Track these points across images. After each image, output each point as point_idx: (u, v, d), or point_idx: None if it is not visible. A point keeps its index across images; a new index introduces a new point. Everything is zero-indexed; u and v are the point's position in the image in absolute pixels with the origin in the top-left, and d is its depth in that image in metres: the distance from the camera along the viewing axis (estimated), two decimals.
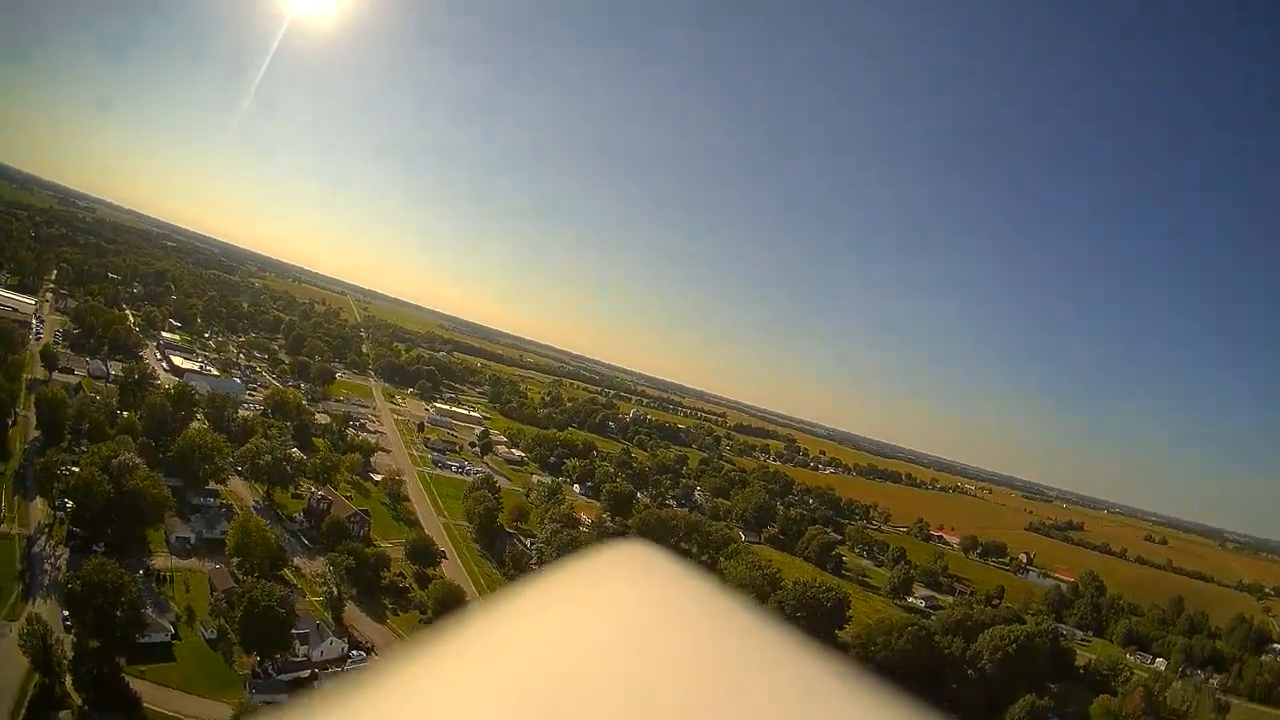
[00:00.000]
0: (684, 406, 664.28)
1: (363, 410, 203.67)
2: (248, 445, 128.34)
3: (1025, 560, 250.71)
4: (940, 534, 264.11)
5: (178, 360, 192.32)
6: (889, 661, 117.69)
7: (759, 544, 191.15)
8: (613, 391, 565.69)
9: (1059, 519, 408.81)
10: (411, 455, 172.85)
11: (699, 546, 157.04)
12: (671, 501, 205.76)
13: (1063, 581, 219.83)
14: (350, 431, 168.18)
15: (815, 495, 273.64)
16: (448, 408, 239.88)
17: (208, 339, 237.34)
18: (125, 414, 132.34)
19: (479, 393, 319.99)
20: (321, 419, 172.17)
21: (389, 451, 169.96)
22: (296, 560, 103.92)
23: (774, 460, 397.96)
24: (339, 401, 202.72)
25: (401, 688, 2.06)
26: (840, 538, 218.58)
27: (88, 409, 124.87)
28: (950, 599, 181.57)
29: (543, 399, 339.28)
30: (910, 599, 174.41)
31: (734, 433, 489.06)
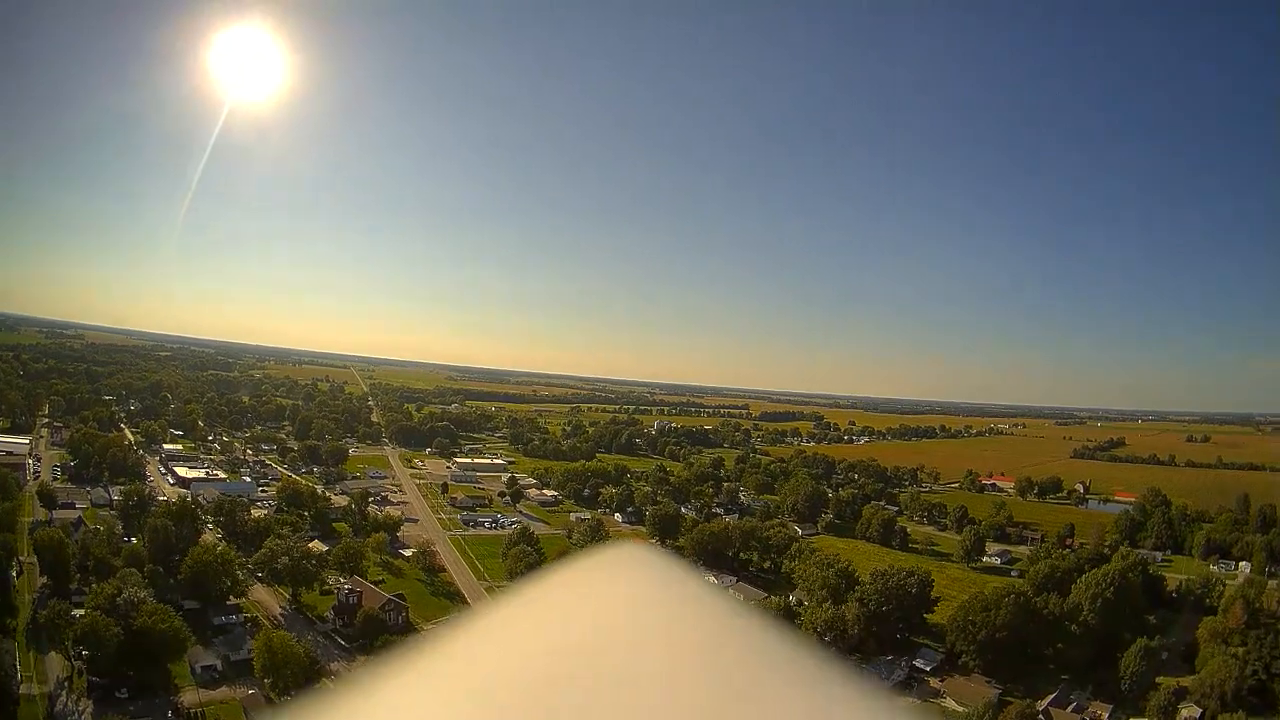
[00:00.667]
0: (705, 407, 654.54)
1: (382, 481, 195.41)
2: (263, 549, 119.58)
3: (1082, 490, 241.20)
4: (992, 481, 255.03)
5: (182, 471, 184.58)
6: (993, 640, 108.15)
7: (817, 534, 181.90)
8: (632, 407, 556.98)
9: (1099, 439, 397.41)
10: (440, 520, 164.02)
11: (758, 553, 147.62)
12: (719, 510, 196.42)
13: (1125, 504, 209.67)
14: (372, 508, 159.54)
15: (859, 470, 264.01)
16: (469, 460, 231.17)
17: (211, 442, 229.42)
18: (132, 539, 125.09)
19: (499, 437, 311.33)
20: (340, 500, 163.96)
21: (416, 520, 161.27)
22: (334, 665, 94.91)
23: (807, 442, 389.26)
24: (356, 477, 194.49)
25: (403, 688, 2.06)
26: (896, 508, 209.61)
27: (91, 543, 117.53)
28: (1024, 549, 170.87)
29: (564, 430, 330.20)
30: (984, 558, 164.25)
31: (760, 422, 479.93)
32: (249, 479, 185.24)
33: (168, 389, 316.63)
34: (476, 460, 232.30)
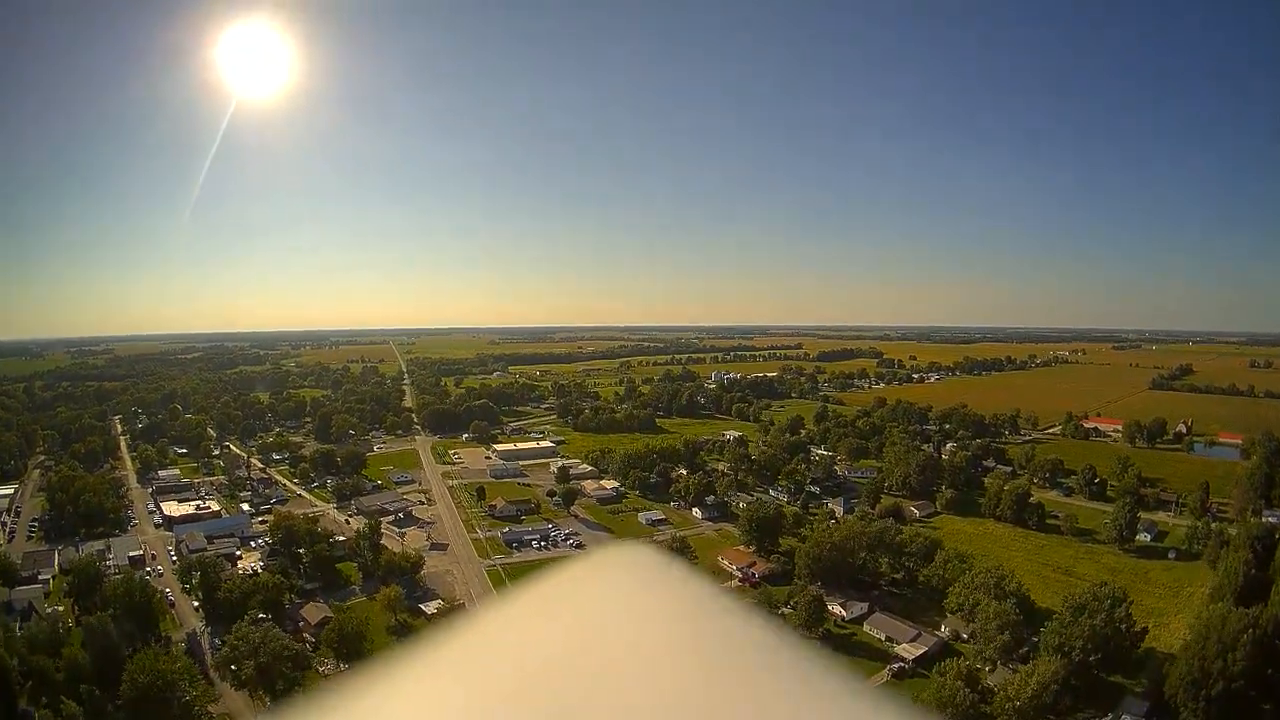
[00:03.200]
0: (757, 350, 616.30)
1: (408, 488, 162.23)
2: (227, 645, 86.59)
3: (1185, 430, 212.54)
4: (1095, 425, 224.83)
5: (171, 507, 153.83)
6: (1228, 691, 72.22)
7: (936, 514, 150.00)
8: (684, 357, 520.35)
9: (1166, 366, 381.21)
10: (476, 541, 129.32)
11: (891, 563, 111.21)
12: (814, 488, 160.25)
13: (1232, 446, 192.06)
14: (388, 535, 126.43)
15: (954, 419, 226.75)
16: (511, 447, 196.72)
17: (216, 457, 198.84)
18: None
19: (545, 409, 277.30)
20: (354, 523, 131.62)
21: (445, 547, 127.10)
22: None
23: (877, 384, 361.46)
24: (377, 487, 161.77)
25: (403, 689, 2.06)
26: (1010, 468, 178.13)
27: (38, 642, 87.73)
28: (1164, 517, 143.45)
29: (616, 395, 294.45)
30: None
31: (820, 363, 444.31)
32: (246, 508, 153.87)
33: (181, 398, 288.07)
34: (520, 445, 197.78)
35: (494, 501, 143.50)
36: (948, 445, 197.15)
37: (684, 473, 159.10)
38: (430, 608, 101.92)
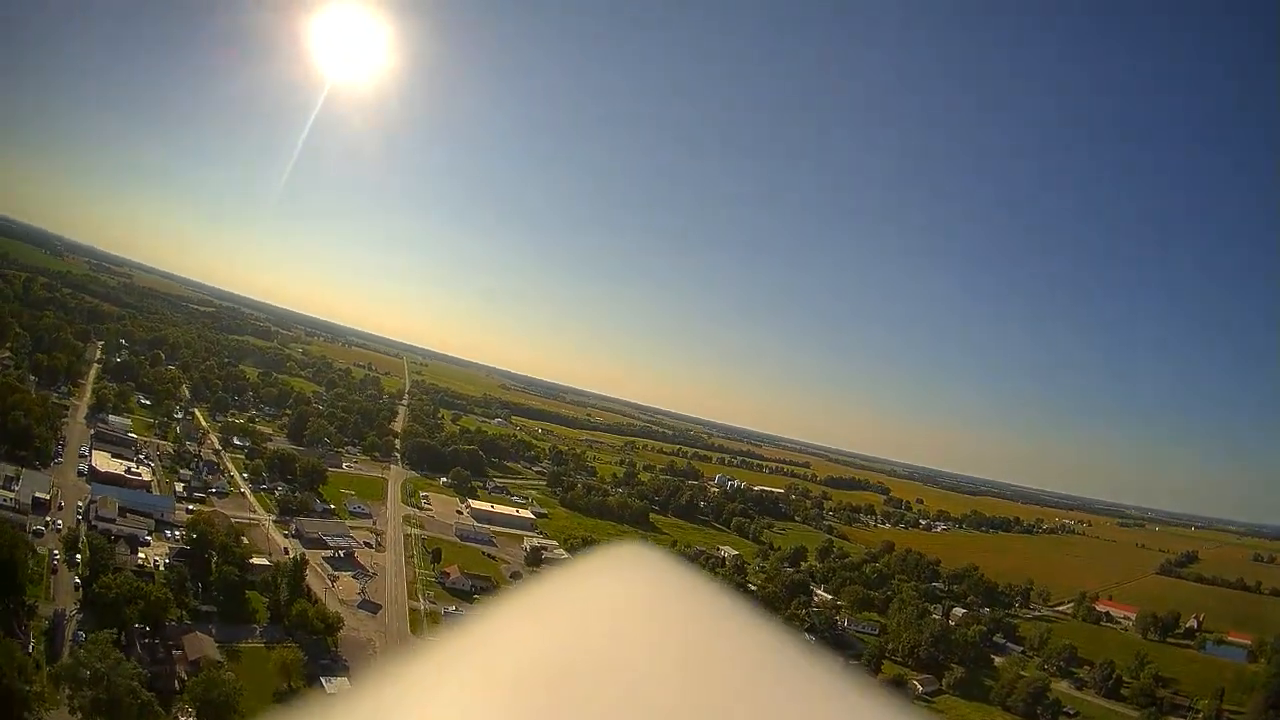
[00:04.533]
0: (765, 460, 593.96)
1: (361, 521, 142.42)
2: (65, 659, 67.16)
3: (1196, 625, 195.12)
4: (1108, 607, 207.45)
5: (102, 459, 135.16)
6: None
7: (940, 693, 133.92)
8: (690, 451, 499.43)
9: (1171, 550, 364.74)
10: (414, 614, 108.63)
11: None
12: (811, 637, 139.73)
13: (1240, 647, 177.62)
14: (316, 577, 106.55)
15: (965, 581, 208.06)
16: (488, 507, 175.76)
17: (179, 419, 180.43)
18: None
19: (537, 471, 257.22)
20: (285, 545, 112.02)
21: (377, 610, 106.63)
22: None
23: (883, 523, 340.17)
24: (327, 511, 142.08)
25: (404, 689, 2.06)
26: (1020, 648, 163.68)
27: None
28: None
29: (615, 476, 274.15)
30: None
31: (827, 488, 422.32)
32: (180, 488, 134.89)
33: (171, 346, 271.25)
34: (497, 508, 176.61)
35: (449, 568, 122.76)
36: (956, 610, 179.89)
37: None
38: (332, 685, 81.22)
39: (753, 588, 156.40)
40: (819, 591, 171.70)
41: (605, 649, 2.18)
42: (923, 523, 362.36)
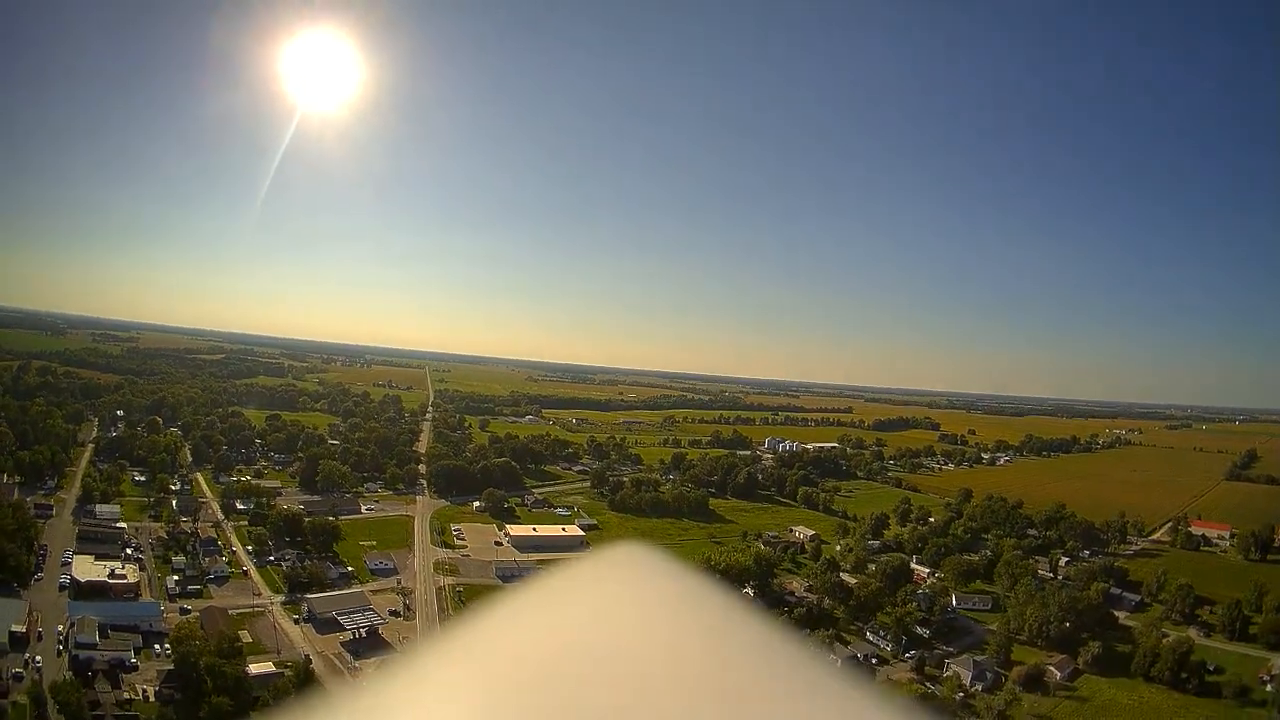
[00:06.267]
0: (807, 410, 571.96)
1: (385, 581, 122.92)
2: None
3: None
4: (1203, 529, 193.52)
5: (84, 566, 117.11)
6: None
7: (1079, 673, 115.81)
8: (733, 415, 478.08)
9: (1231, 451, 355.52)
10: None
11: None
12: (924, 630, 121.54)
13: None
14: (331, 672, 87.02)
15: (1058, 524, 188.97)
16: (529, 531, 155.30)
17: (175, 494, 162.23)
18: None
19: (578, 471, 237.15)
20: (298, 638, 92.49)
21: None
22: None
23: (945, 464, 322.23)
24: (343, 578, 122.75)
25: (404, 689, 2.07)
26: (1137, 598, 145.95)
27: None
28: None
29: (662, 462, 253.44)
30: None
31: (877, 433, 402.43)
32: (174, 580, 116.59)
33: (171, 406, 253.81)
34: (540, 530, 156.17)
35: None
36: (1064, 562, 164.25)
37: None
38: None
39: (851, 581, 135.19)
40: (918, 569, 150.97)
41: (605, 648, 2.19)
42: (985, 457, 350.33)
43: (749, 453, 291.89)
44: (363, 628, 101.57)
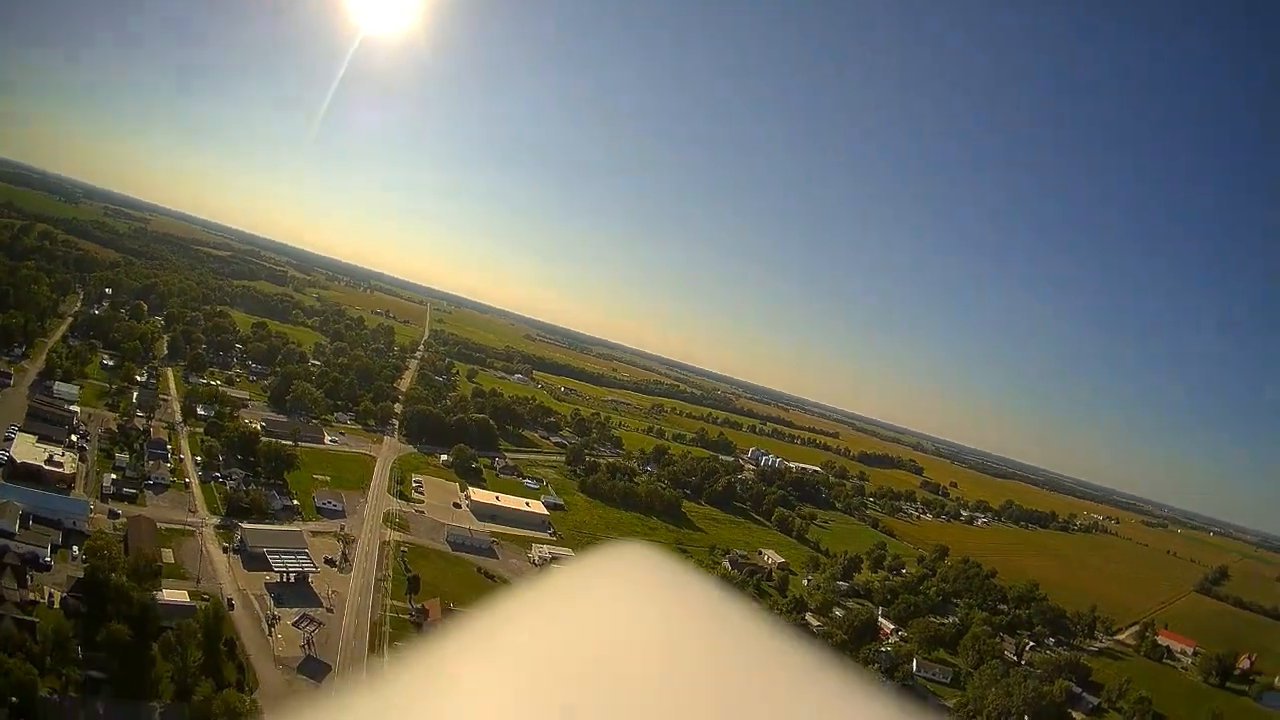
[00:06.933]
0: (795, 428, 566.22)
1: (329, 523, 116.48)
2: None
3: (1249, 665, 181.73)
4: (1168, 641, 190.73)
5: (22, 449, 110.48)
6: None
7: None
8: (721, 416, 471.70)
9: (1203, 562, 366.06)
10: (363, 676, 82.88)
11: None
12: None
13: None
14: (247, 623, 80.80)
15: (1028, 603, 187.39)
16: (492, 499, 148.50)
17: (140, 382, 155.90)
18: None
19: (556, 443, 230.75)
20: (225, 568, 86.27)
21: (322, 674, 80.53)
22: None
23: (924, 513, 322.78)
24: (286, 512, 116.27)
25: (405, 688, 2.05)
26: (1096, 701, 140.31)
27: None
28: None
29: (642, 452, 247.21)
30: None
31: (862, 467, 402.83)
32: (111, 479, 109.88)
33: (159, 294, 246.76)
34: (503, 501, 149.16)
35: (429, 605, 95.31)
36: (1029, 646, 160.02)
37: None
38: None
39: (814, 624, 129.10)
40: (886, 625, 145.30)
41: (606, 646, 2.19)
42: (963, 514, 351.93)
43: (732, 459, 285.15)
44: (292, 571, 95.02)
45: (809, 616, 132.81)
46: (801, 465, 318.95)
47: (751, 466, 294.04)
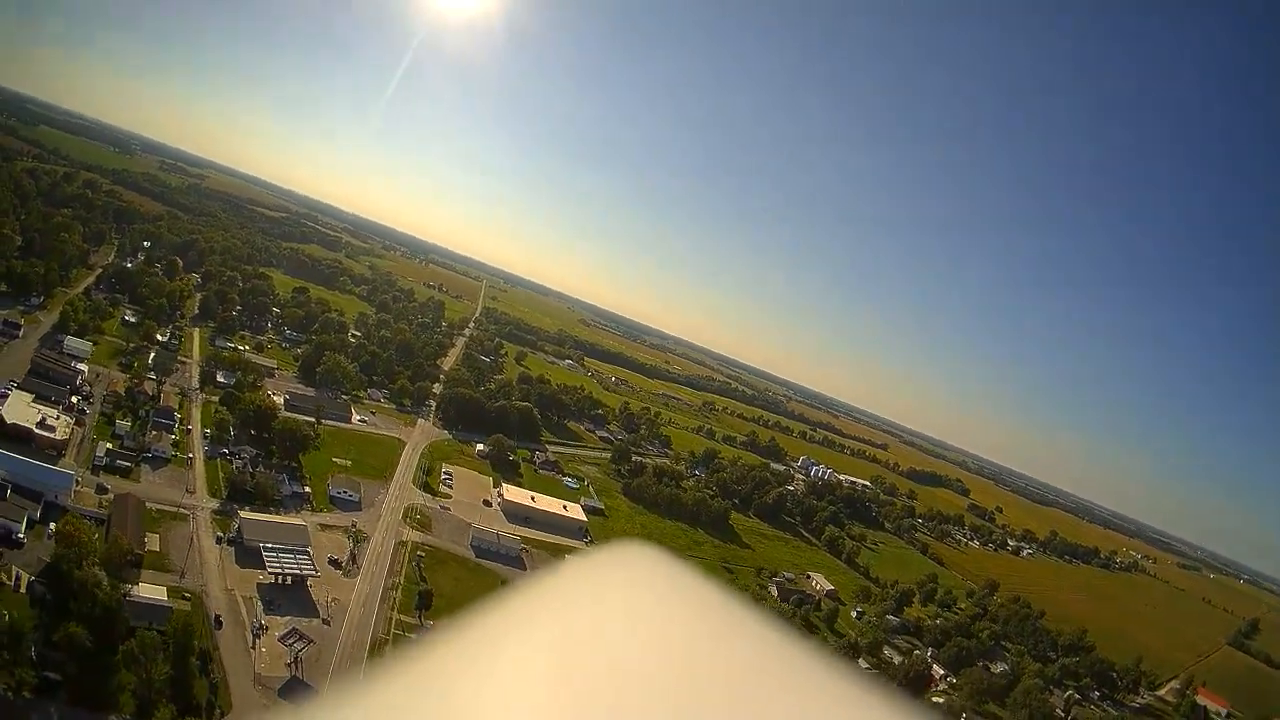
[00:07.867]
0: (844, 436, 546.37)
1: (340, 517, 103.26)
2: None
3: None
4: (1205, 701, 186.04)
5: (16, 408, 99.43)
6: None
7: None
8: (772, 419, 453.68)
9: (1229, 607, 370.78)
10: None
11: None
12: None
13: None
14: (231, 627, 67.77)
15: (1078, 652, 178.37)
16: (526, 498, 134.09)
17: (161, 343, 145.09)
18: None
19: (602, 437, 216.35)
20: (216, 564, 73.72)
21: (309, 696, 66.92)
22: None
23: (971, 539, 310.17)
24: (294, 499, 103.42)
25: (404, 687, 2.05)
26: None
27: None
28: None
29: (691, 454, 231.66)
30: None
31: (911, 484, 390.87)
32: (106, 449, 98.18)
33: (199, 251, 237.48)
34: (538, 503, 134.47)
35: (439, 625, 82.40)
36: (1075, 698, 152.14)
37: None
38: None
39: (865, 665, 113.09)
40: (937, 670, 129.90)
41: (605, 647, 2.18)
42: (1010, 544, 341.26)
43: (783, 468, 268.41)
44: (289, 573, 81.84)
45: (861, 661, 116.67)
46: (851, 479, 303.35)
47: (801, 476, 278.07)
